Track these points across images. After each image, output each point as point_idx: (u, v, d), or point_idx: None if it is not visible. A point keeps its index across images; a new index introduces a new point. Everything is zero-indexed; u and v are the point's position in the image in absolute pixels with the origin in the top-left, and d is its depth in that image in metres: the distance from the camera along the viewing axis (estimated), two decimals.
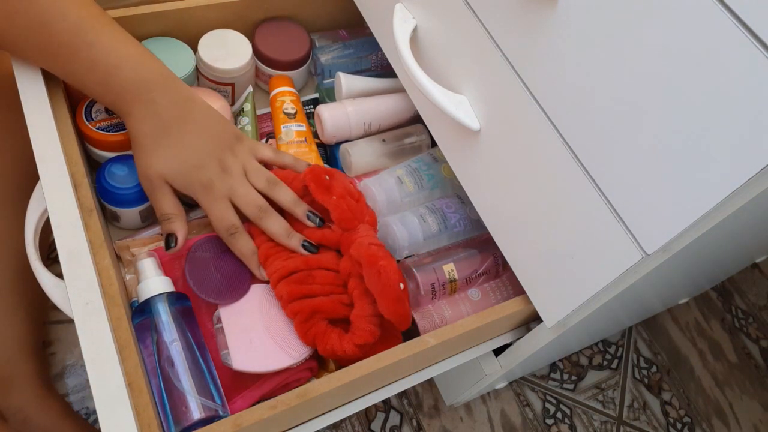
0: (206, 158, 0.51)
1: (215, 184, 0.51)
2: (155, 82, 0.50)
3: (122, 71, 0.49)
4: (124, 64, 0.49)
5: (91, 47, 0.48)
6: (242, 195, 0.52)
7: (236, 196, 0.52)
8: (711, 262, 0.65)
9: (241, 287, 0.54)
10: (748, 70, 0.31)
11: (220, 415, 0.45)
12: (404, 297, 0.50)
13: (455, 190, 0.65)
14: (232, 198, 0.52)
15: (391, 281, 0.48)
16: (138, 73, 0.49)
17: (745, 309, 0.99)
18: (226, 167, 0.52)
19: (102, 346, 0.41)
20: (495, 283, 0.60)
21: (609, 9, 0.37)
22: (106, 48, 0.48)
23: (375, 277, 0.49)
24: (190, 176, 0.51)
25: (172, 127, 0.50)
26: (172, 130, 0.50)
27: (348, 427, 0.74)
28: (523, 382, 0.83)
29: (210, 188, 0.51)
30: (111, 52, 0.48)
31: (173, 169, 0.50)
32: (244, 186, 0.52)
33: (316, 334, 0.50)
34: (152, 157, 0.50)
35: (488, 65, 0.48)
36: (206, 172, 0.51)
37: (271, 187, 0.54)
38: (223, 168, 0.52)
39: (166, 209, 0.51)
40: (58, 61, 0.48)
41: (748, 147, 0.32)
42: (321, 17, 0.76)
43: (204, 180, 0.51)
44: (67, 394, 0.69)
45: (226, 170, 0.52)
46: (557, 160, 0.44)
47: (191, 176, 0.51)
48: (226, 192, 0.51)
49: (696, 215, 0.36)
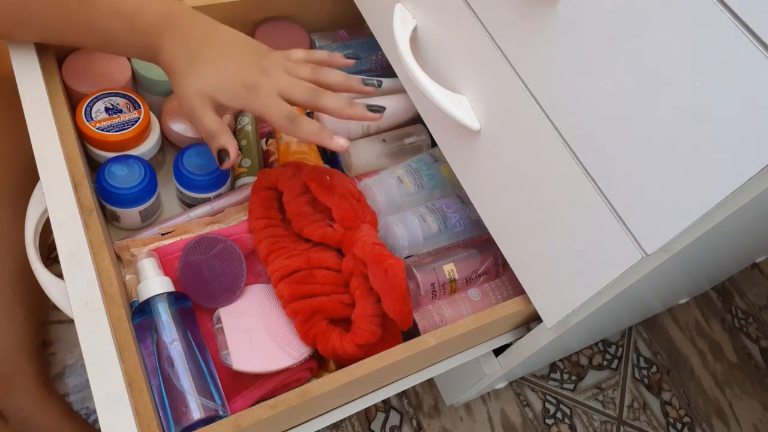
0: (243, 65, 0.51)
1: (260, 83, 0.50)
2: (178, 14, 0.50)
3: (145, 9, 0.49)
4: (144, 2, 0.49)
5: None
6: (290, 85, 0.51)
7: (284, 89, 0.51)
8: (711, 262, 0.65)
9: (236, 288, 0.54)
10: (748, 70, 0.31)
11: (220, 415, 0.45)
12: (409, 297, 0.50)
13: (455, 190, 0.65)
14: (281, 92, 0.51)
15: (399, 279, 0.48)
16: (160, 7, 0.49)
17: (745, 309, 0.99)
18: (266, 68, 0.51)
19: (102, 346, 0.41)
20: (495, 283, 0.60)
21: (609, 9, 0.37)
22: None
23: (382, 275, 0.49)
24: (232, 84, 0.50)
25: (203, 48, 0.50)
26: (204, 51, 0.50)
27: (348, 427, 0.74)
28: (523, 382, 0.83)
29: (255, 88, 0.50)
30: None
31: (214, 83, 0.50)
32: (290, 79, 0.52)
33: (316, 334, 0.50)
34: (189, 79, 0.50)
35: (488, 65, 0.48)
36: (247, 76, 0.50)
37: (317, 73, 0.53)
38: (263, 70, 0.51)
39: (210, 125, 0.50)
40: (80, 15, 0.48)
41: (748, 147, 0.32)
42: (321, 17, 0.76)
43: (247, 83, 0.50)
44: (67, 394, 0.69)
45: (266, 71, 0.51)
46: (557, 160, 0.44)
47: (233, 84, 0.50)
48: (273, 88, 0.51)
49: (696, 215, 0.36)
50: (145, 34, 0.50)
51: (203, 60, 0.50)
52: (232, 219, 0.59)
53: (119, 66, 0.62)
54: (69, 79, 0.58)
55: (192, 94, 0.50)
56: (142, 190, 0.56)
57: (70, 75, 0.59)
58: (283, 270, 0.52)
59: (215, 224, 0.59)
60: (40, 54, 0.53)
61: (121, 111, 0.58)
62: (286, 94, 0.51)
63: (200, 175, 0.59)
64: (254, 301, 0.54)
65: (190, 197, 0.60)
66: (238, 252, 0.55)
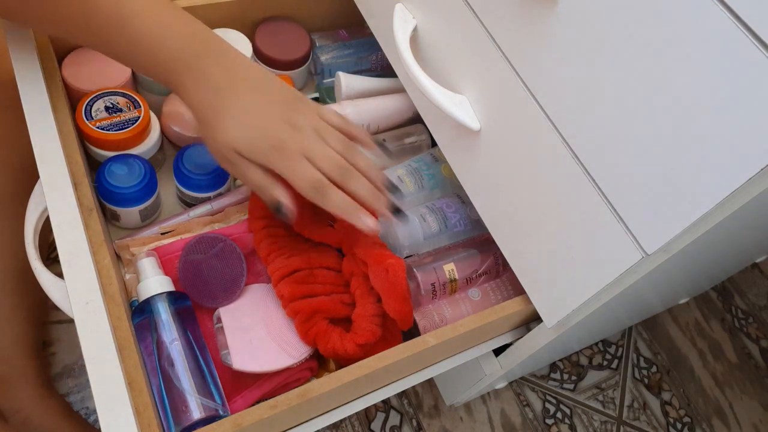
0: (271, 119, 0.47)
1: (288, 144, 0.46)
2: (204, 50, 0.47)
3: (169, 41, 0.46)
4: (169, 32, 0.46)
5: (135, 17, 0.45)
6: (320, 154, 0.47)
7: (313, 155, 0.47)
8: (711, 262, 0.65)
9: (236, 287, 0.54)
10: (748, 70, 0.31)
11: (220, 415, 0.45)
12: (410, 297, 0.50)
13: (455, 189, 0.65)
14: (308, 155, 0.47)
15: (399, 279, 0.48)
16: (185, 41, 0.46)
17: (745, 309, 0.99)
18: (296, 125, 0.48)
19: (102, 346, 0.41)
20: (495, 283, 0.60)
21: (609, 9, 0.37)
22: (151, 17, 0.45)
23: (382, 275, 0.49)
24: (259, 141, 0.46)
25: (229, 93, 0.47)
26: (230, 97, 0.47)
27: (348, 427, 0.74)
28: (523, 382, 0.83)
29: (283, 149, 0.46)
30: (156, 21, 0.46)
31: (240, 137, 0.46)
32: (320, 144, 0.48)
33: (317, 334, 0.50)
34: (217, 131, 0.47)
35: (488, 65, 0.48)
36: (275, 132, 0.47)
37: (347, 150, 0.49)
38: (292, 126, 0.47)
39: (255, 179, 0.47)
40: (103, 35, 0.46)
41: (748, 147, 0.32)
42: (321, 17, 0.76)
43: (275, 141, 0.46)
44: (67, 394, 0.69)
45: (296, 128, 0.47)
46: (557, 160, 0.44)
47: (260, 141, 0.46)
48: (300, 150, 0.47)
49: (696, 215, 0.36)
50: (167, 67, 0.47)
51: (229, 105, 0.47)
52: (232, 218, 0.59)
53: (119, 65, 0.62)
54: (69, 77, 0.58)
55: (222, 150, 0.47)
56: (142, 189, 0.56)
57: (71, 73, 0.59)
58: (283, 270, 0.52)
59: (215, 224, 0.59)
60: (41, 53, 0.53)
61: (121, 110, 0.58)
62: (315, 161, 0.47)
63: (200, 174, 0.59)
64: (254, 301, 0.54)
65: (190, 197, 0.60)
66: (238, 251, 0.55)
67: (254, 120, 0.47)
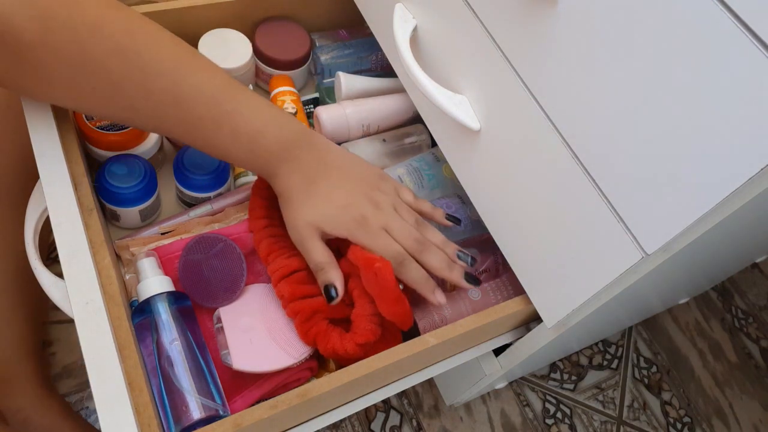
0: (355, 197, 0.51)
1: (369, 219, 0.50)
2: (296, 141, 0.50)
3: (265, 136, 0.49)
4: (265, 129, 0.49)
5: (232, 117, 0.48)
6: (399, 228, 0.51)
7: (392, 229, 0.51)
8: (711, 262, 0.65)
9: (236, 287, 0.54)
10: (748, 70, 0.31)
11: (220, 415, 0.45)
12: (404, 297, 0.50)
13: (456, 190, 0.65)
14: (387, 229, 0.51)
15: (388, 282, 0.48)
16: (280, 134, 0.50)
17: (745, 309, 0.99)
18: (377, 203, 0.52)
19: (102, 346, 0.41)
20: (495, 283, 0.60)
21: (609, 9, 0.37)
22: (246, 115, 0.48)
23: (372, 279, 0.49)
24: (342, 216, 0.50)
25: (317, 177, 0.51)
26: (320, 181, 0.51)
27: (348, 427, 0.74)
28: (523, 382, 0.83)
29: (365, 223, 0.50)
30: (251, 119, 0.48)
31: (323, 214, 0.50)
32: (398, 219, 0.52)
33: (317, 334, 0.50)
34: (301, 209, 0.50)
35: (488, 65, 0.48)
36: (358, 208, 0.50)
37: (421, 227, 0.54)
38: (374, 204, 0.51)
39: (318, 258, 0.50)
40: (199, 133, 0.48)
41: (748, 147, 0.32)
42: (321, 17, 0.76)
43: (357, 216, 0.50)
44: (67, 394, 0.69)
45: (377, 205, 0.51)
46: (557, 160, 0.44)
47: (343, 216, 0.50)
48: (381, 224, 0.51)
49: (696, 215, 0.36)
50: (265, 161, 0.50)
51: (317, 192, 0.50)
52: (232, 218, 0.59)
53: None
54: None
55: (301, 224, 0.50)
56: (142, 189, 0.56)
57: None
58: (283, 270, 0.52)
59: (215, 224, 0.59)
60: None
61: None
62: (394, 234, 0.51)
63: (200, 174, 0.59)
64: (254, 301, 0.54)
65: (190, 197, 0.60)
66: (238, 251, 0.55)
67: (338, 199, 0.51)
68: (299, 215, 0.50)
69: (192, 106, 0.46)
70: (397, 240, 0.51)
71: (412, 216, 0.54)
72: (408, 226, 0.52)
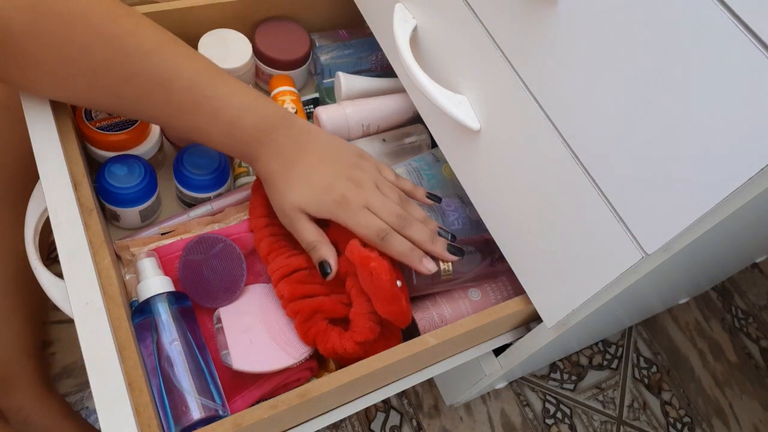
0: (334, 178, 0.51)
1: (350, 198, 0.51)
2: (275, 124, 0.51)
3: (244, 120, 0.50)
4: (244, 112, 0.50)
5: (211, 100, 0.49)
6: (380, 205, 0.52)
7: (374, 206, 0.51)
8: (711, 262, 0.65)
9: (236, 288, 0.54)
10: (748, 70, 0.31)
11: (220, 415, 0.45)
12: (400, 295, 0.50)
13: (456, 190, 0.65)
14: (369, 207, 0.52)
15: (383, 282, 0.48)
16: (258, 118, 0.50)
17: (745, 309, 0.99)
18: (358, 181, 0.52)
19: (102, 346, 0.41)
20: (495, 283, 0.60)
21: (609, 9, 0.37)
22: (225, 98, 0.49)
23: (368, 279, 0.49)
24: (323, 198, 0.51)
25: (296, 160, 0.51)
26: (298, 163, 0.51)
27: (348, 427, 0.74)
28: (523, 382, 0.83)
29: (346, 203, 0.51)
30: (230, 103, 0.49)
31: (305, 196, 0.51)
32: (380, 196, 0.52)
33: (316, 334, 0.50)
34: (284, 193, 0.51)
35: (488, 65, 0.48)
36: (338, 189, 0.51)
37: (404, 203, 0.54)
38: (354, 182, 0.52)
39: (309, 238, 0.51)
40: (180, 117, 0.49)
41: (748, 147, 0.32)
42: (321, 17, 0.76)
43: (338, 197, 0.51)
44: (67, 394, 0.69)
45: (358, 184, 0.52)
46: (557, 160, 0.44)
47: (324, 197, 0.51)
48: (362, 203, 0.51)
49: (696, 215, 0.36)
50: (244, 144, 0.51)
51: (298, 174, 0.51)
52: (232, 219, 0.59)
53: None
54: None
55: (286, 207, 0.51)
56: (142, 189, 0.56)
57: None
58: (283, 269, 0.52)
59: (215, 224, 0.59)
60: None
61: None
62: (376, 211, 0.51)
63: (200, 174, 0.59)
64: (254, 301, 0.54)
65: (190, 197, 0.60)
66: (238, 252, 0.55)
67: (318, 181, 0.51)
68: (283, 199, 0.51)
69: (173, 88, 0.47)
70: (380, 216, 0.51)
71: (394, 192, 0.54)
72: (390, 202, 0.52)
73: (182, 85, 0.47)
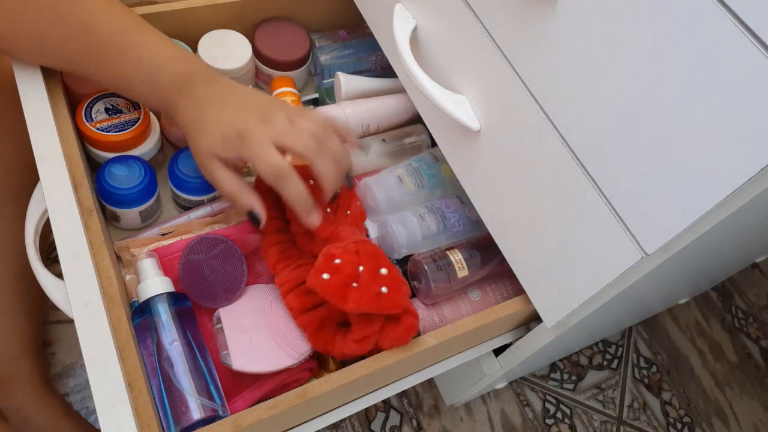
0: (243, 116, 0.48)
1: (255, 132, 0.47)
2: (196, 74, 0.50)
3: (166, 68, 0.50)
4: (167, 62, 0.50)
5: (137, 47, 0.49)
6: (287, 130, 0.48)
7: (280, 135, 0.48)
8: (711, 262, 0.65)
9: (237, 288, 0.54)
10: (748, 70, 0.31)
11: (220, 415, 0.45)
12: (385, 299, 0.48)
13: (456, 190, 0.65)
14: (276, 139, 0.48)
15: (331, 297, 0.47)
16: (181, 67, 0.50)
17: (745, 309, 0.99)
18: (267, 117, 0.48)
19: (102, 346, 0.41)
20: (495, 283, 0.60)
21: (609, 9, 0.37)
22: (151, 47, 0.50)
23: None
24: (227, 132, 0.48)
25: (210, 106, 0.49)
26: (211, 109, 0.49)
27: (348, 427, 0.74)
28: (523, 382, 0.83)
29: (251, 136, 0.47)
30: (155, 51, 0.50)
31: (212, 137, 0.48)
32: (291, 128, 0.48)
33: (326, 343, 0.50)
34: (197, 140, 0.49)
35: (488, 65, 0.48)
36: (245, 124, 0.48)
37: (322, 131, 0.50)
38: (263, 119, 0.48)
39: (228, 188, 0.49)
40: (105, 61, 0.49)
41: (748, 147, 0.32)
42: (321, 17, 0.76)
43: (242, 129, 0.47)
44: (67, 394, 0.69)
45: (266, 120, 0.48)
46: (557, 160, 0.44)
47: (228, 132, 0.48)
48: (266, 135, 0.47)
49: (696, 215, 0.36)
50: (162, 91, 0.50)
51: (207, 118, 0.49)
52: (232, 219, 0.59)
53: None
54: (69, 80, 0.58)
55: (200, 156, 0.49)
56: (142, 190, 0.56)
57: (70, 76, 0.59)
58: (291, 282, 0.52)
59: (216, 224, 0.59)
60: None
61: (121, 111, 0.58)
62: (281, 141, 0.48)
63: (196, 177, 0.59)
64: (254, 301, 0.54)
65: (186, 200, 0.60)
66: (238, 252, 0.55)
67: (229, 119, 0.48)
68: (197, 147, 0.49)
69: (100, 32, 0.48)
70: (285, 144, 0.48)
71: (310, 121, 0.50)
72: (299, 129, 0.48)
73: (111, 29, 0.48)
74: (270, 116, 0.49)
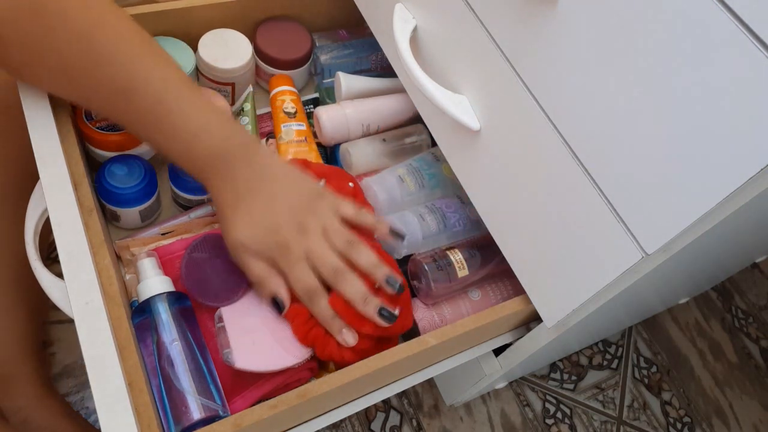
0: (282, 220, 0.50)
1: (291, 246, 0.49)
2: (235, 152, 0.49)
3: (203, 141, 0.48)
4: (204, 133, 0.48)
5: (172, 115, 0.47)
6: (318, 256, 0.50)
7: (312, 257, 0.50)
8: (711, 262, 0.65)
9: (239, 287, 0.53)
10: (748, 70, 0.31)
11: (220, 415, 0.45)
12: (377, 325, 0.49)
13: (456, 190, 0.65)
14: (309, 257, 0.50)
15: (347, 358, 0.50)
16: (218, 141, 0.48)
17: (745, 309, 0.99)
18: (304, 228, 0.50)
19: (102, 346, 0.41)
20: (495, 283, 0.60)
21: (609, 9, 0.37)
22: (187, 115, 0.48)
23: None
24: (265, 239, 0.49)
25: (248, 195, 0.49)
26: (249, 198, 0.49)
27: (348, 427, 0.74)
28: (523, 382, 0.83)
29: (286, 250, 0.49)
30: (192, 120, 0.48)
31: (249, 235, 0.49)
32: (321, 247, 0.50)
33: (316, 337, 0.50)
34: (231, 227, 0.49)
35: (488, 65, 0.48)
36: (282, 233, 0.49)
37: (350, 248, 0.51)
38: (300, 229, 0.50)
39: (256, 273, 0.50)
40: (142, 127, 0.48)
41: (748, 147, 0.32)
42: (321, 17, 0.76)
43: (281, 241, 0.49)
44: (67, 394, 0.69)
45: (303, 231, 0.50)
46: (557, 160, 0.44)
47: (266, 239, 0.49)
48: (302, 253, 0.50)
49: (696, 215, 0.36)
50: (202, 164, 0.49)
51: (245, 210, 0.49)
52: None
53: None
54: None
55: (232, 242, 0.50)
56: (142, 189, 0.56)
57: None
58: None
59: (216, 224, 0.59)
60: None
61: None
62: (313, 264, 0.50)
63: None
64: (256, 301, 0.54)
65: (186, 199, 0.60)
66: None
67: (264, 220, 0.49)
68: (228, 233, 0.50)
69: (137, 98, 0.46)
70: (317, 268, 0.50)
71: (342, 237, 0.51)
72: (328, 254, 0.50)
73: (148, 95, 0.46)
74: (306, 225, 0.50)
